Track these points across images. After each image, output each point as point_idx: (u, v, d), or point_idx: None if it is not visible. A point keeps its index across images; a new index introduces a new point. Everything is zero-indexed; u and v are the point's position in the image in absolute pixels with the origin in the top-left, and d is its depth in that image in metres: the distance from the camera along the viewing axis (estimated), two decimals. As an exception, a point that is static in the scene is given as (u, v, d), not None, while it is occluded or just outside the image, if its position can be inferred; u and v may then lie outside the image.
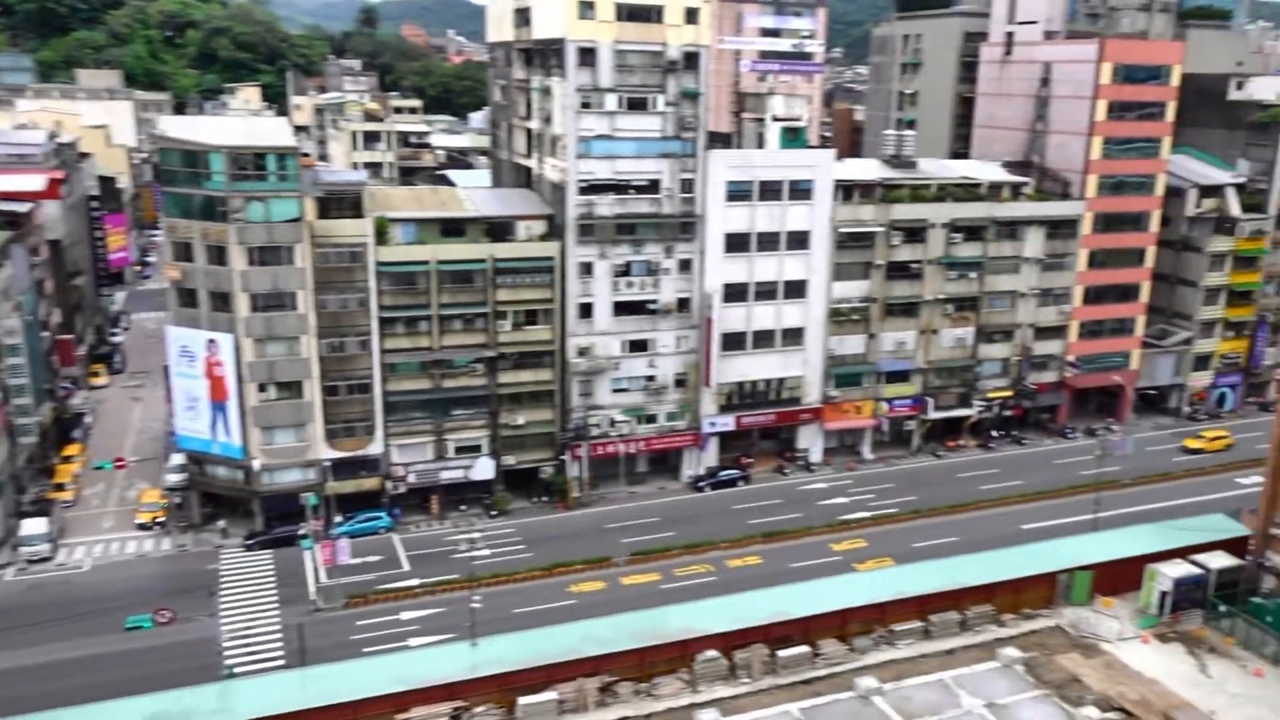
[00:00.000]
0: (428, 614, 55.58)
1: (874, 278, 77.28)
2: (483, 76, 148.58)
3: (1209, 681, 44.13)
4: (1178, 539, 53.17)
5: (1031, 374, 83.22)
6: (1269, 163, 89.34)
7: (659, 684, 43.45)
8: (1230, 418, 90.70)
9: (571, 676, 42.48)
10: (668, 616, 46.50)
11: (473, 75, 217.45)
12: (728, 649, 44.82)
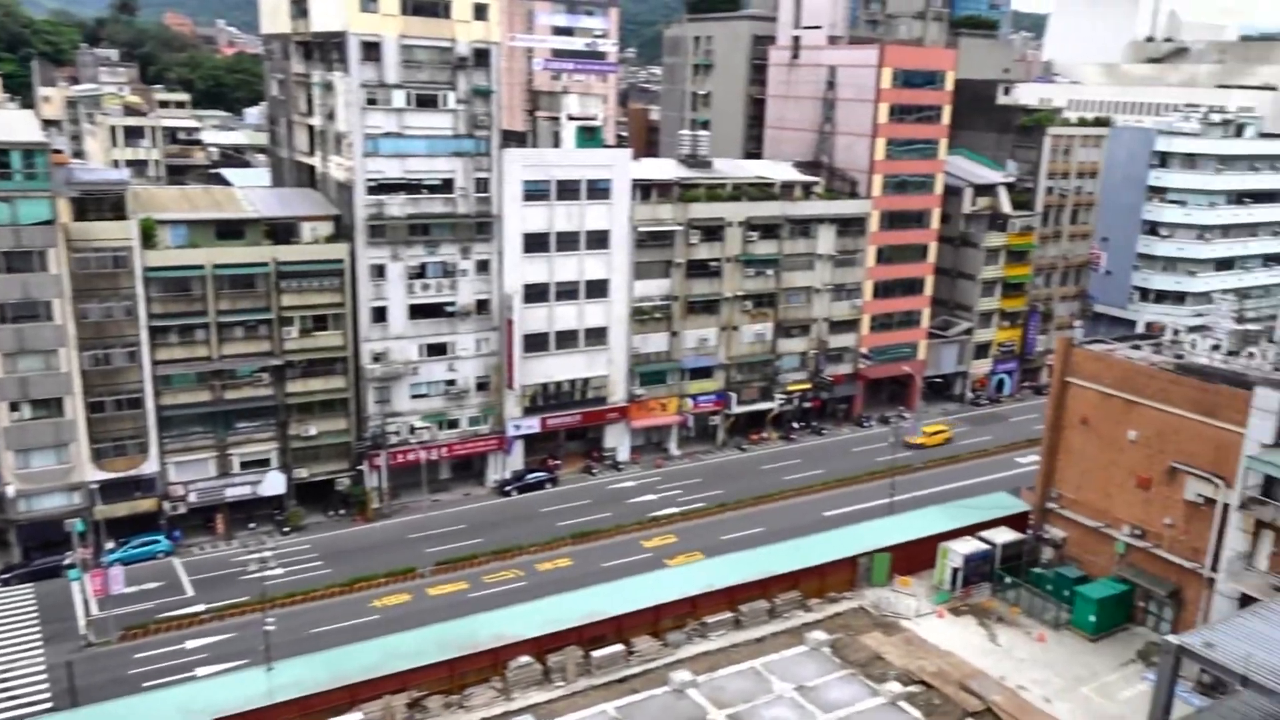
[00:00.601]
0: (217, 640, 52.45)
1: (674, 276, 78.99)
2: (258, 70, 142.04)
3: (998, 649, 47.53)
4: (966, 518, 57.12)
5: (828, 367, 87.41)
6: (1034, 163, 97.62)
7: (471, 694, 42.62)
8: (1009, 401, 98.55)
9: (377, 694, 41.04)
10: (477, 625, 45.75)
11: (247, 68, 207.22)
12: (541, 653, 44.53)
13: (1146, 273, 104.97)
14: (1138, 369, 50.08)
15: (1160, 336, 56.06)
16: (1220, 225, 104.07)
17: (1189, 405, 47.23)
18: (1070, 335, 57.33)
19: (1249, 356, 48.10)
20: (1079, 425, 52.57)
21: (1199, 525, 47.00)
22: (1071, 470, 53.09)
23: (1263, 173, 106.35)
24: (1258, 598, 41.53)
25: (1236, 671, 33.35)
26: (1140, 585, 49.30)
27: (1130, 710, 41.63)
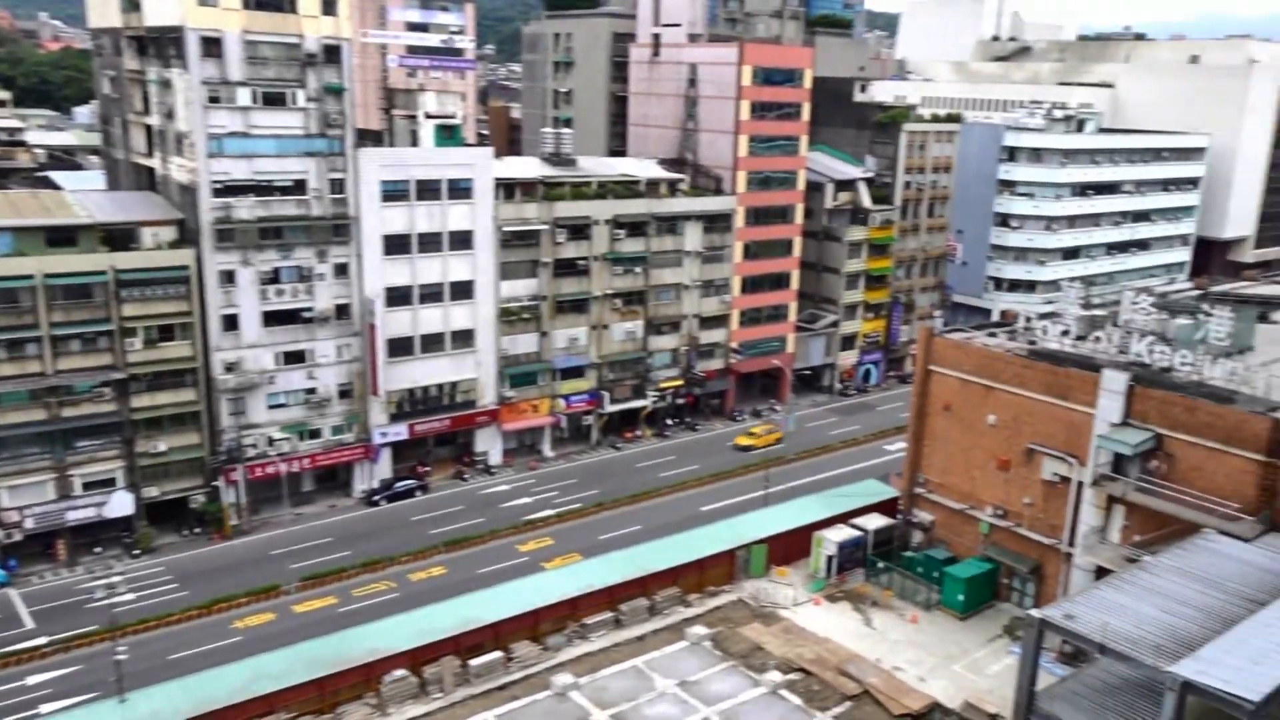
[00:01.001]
0: (62, 674, 49.63)
1: (542, 276, 78.68)
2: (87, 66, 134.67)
3: (873, 633, 49.01)
4: (839, 506, 58.75)
5: (700, 362, 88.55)
6: (891, 159, 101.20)
7: (344, 712, 41.42)
8: (876, 391, 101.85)
9: (243, 719, 39.44)
10: (348, 640, 44.50)
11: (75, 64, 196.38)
12: (416, 665, 43.62)
13: (1000, 263, 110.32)
14: (994, 356, 52.38)
15: (1014, 324, 58.66)
16: (1066, 216, 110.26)
17: (1043, 389, 49.67)
18: (931, 325, 59.69)
19: (1096, 341, 50.80)
20: (942, 411, 54.66)
21: (1056, 503, 49.51)
22: (937, 455, 55.18)
23: (1103, 166, 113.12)
24: (1111, 569, 43.92)
25: (1095, 640, 35.11)
26: (1004, 563, 51.65)
27: (999, 683, 43.53)
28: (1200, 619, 35.69)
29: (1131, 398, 46.21)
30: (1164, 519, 44.41)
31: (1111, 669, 36.66)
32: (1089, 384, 47.60)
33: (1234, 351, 49.63)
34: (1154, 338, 49.24)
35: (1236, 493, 42.78)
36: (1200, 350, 47.43)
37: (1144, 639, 34.47)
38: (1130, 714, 35.00)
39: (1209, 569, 39.08)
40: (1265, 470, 42.01)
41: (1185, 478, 44.45)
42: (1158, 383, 46.34)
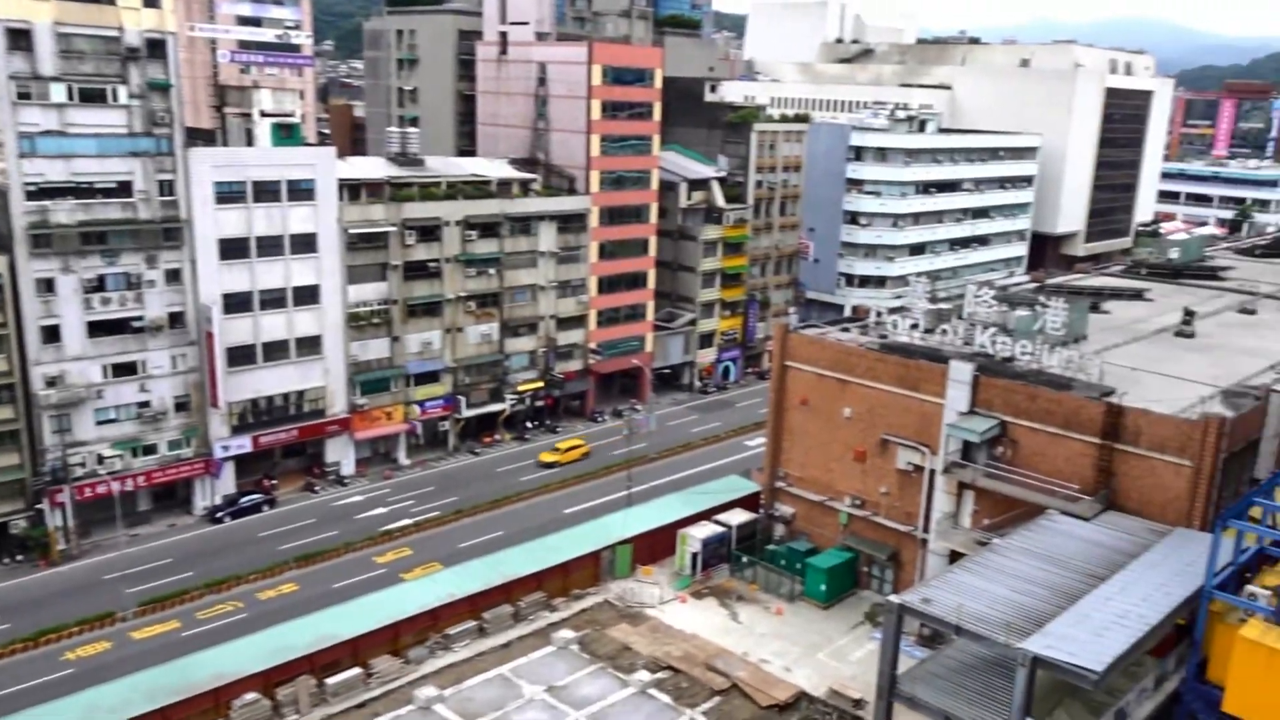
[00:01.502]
0: None
1: (392, 279, 77.05)
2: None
3: (740, 627, 49.85)
4: (702, 503, 59.56)
5: (558, 364, 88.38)
6: (743, 158, 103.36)
7: (190, 744, 39.47)
8: (735, 388, 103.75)
9: (76, 759, 37.10)
10: (193, 665, 42.57)
11: None
12: (269, 687, 41.96)
13: (850, 260, 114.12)
14: (848, 350, 54.08)
15: (866, 319, 60.62)
16: (911, 214, 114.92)
17: (895, 381, 51.56)
18: (786, 322, 61.07)
19: (943, 333, 53.01)
20: (800, 406, 56.06)
21: (910, 491, 51.47)
22: (796, 449, 56.57)
23: (944, 165, 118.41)
24: (964, 552, 45.95)
25: (951, 622, 36.63)
26: (863, 552, 53.37)
27: (862, 669, 44.92)
28: (1047, 596, 37.70)
29: (977, 387, 48.41)
30: (1011, 502, 46.71)
31: (967, 648, 38.33)
32: (938, 375, 49.62)
33: (1069, 340, 52.73)
34: (996, 329, 51.75)
35: (1076, 474, 45.37)
36: (1039, 340, 50.11)
37: (996, 618, 36.16)
38: (986, 690, 36.68)
39: (1053, 548, 41.32)
40: (1101, 452, 44.67)
41: (1029, 462, 46.87)
42: (1001, 372, 48.72)
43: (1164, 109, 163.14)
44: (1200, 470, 42.33)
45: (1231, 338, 59.03)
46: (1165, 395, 46.60)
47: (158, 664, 44.15)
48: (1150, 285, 73.14)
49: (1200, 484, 42.41)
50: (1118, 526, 43.09)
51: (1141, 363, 52.27)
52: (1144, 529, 42.69)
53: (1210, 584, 36.99)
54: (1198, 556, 38.43)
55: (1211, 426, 42.03)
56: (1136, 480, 44.15)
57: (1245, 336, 59.41)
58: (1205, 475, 42.29)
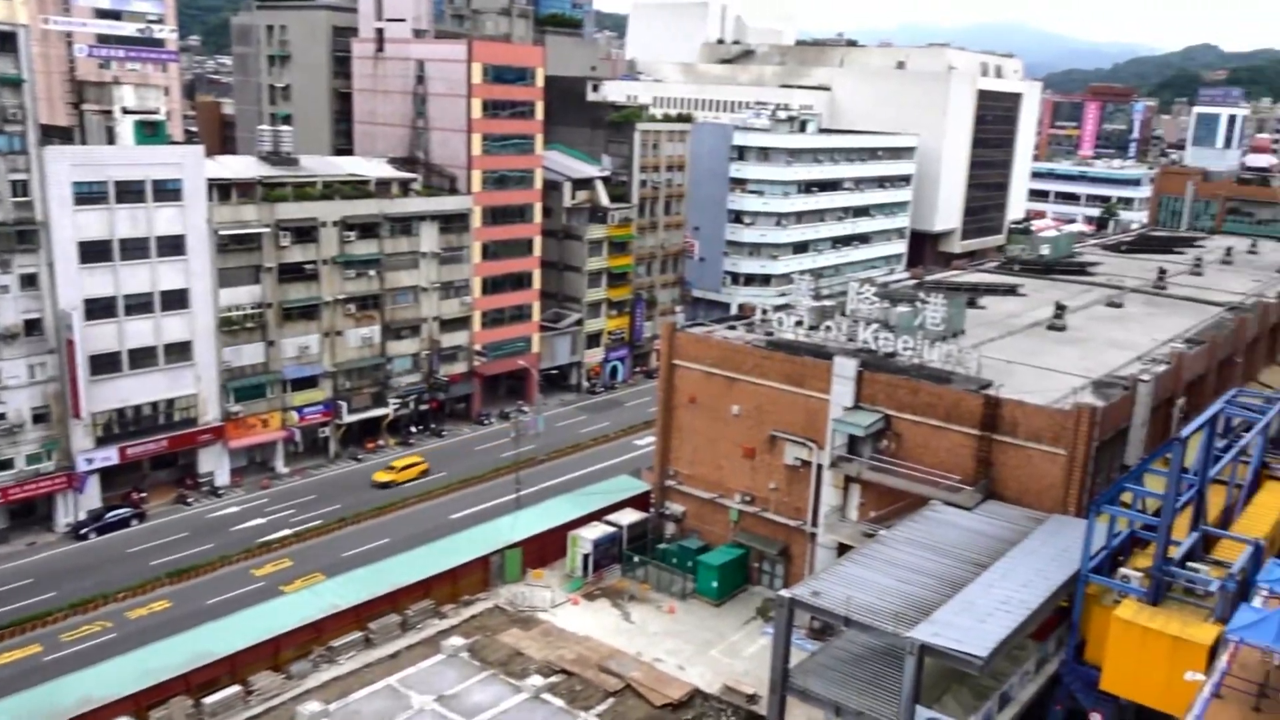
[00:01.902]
0: None
1: (266, 281, 74.82)
2: None
3: (632, 627, 49.94)
4: (592, 503, 59.48)
5: (442, 366, 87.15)
6: (627, 158, 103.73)
7: (54, 775, 37.52)
8: (623, 388, 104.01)
9: (-75, 798, 34.86)
10: (58, 691, 40.54)
11: None
12: (141, 710, 40.21)
13: (735, 258, 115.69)
14: (735, 348, 54.75)
15: (752, 317, 61.49)
16: (794, 212, 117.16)
17: (781, 378, 52.40)
18: (673, 320, 61.62)
19: (827, 330, 54.13)
20: (688, 404, 56.47)
21: (799, 486, 52.37)
22: (685, 447, 56.97)
23: (825, 164, 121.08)
24: (852, 545, 46.95)
25: (840, 614, 37.35)
26: (754, 548, 54.07)
27: (755, 664, 45.49)
28: (933, 585, 38.78)
29: (861, 383, 49.56)
30: (896, 494, 47.93)
31: (857, 639, 39.17)
32: (823, 371, 50.62)
33: (948, 335, 54.46)
34: (878, 325, 53.09)
35: (957, 465, 46.83)
36: (919, 335, 51.56)
37: (884, 608, 37.02)
38: (876, 680, 37.53)
39: (937, 538, 42.54)
40: (980, 444, 46.21)
41: (913, 454, 48.18)
42: (884, 367, 50.00)
43: (1033, 111, 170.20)
44: (1074, 458, 44.15)
45: (1100, 330, 61.83)
46: (1039, 387, 48.51)
47: (17, 692, 41.84)
48: (1023, 281, 76.07)
49: (1074, 472, 44.24)
50: (998, 515, 44.62)
51: (1016, 356, 54.30)
52: (1023, 517, 44.31)
53: (1086, 568, 38.57)
54: (1073, 542, 40.03)
55: (1083, 416, 43.88)
56: (1015, 470, 45.81)
57: (1113, 329, 62.30)
58: (1079, 463, 44.14)
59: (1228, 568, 38.70)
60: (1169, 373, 52.45)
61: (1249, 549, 40.03)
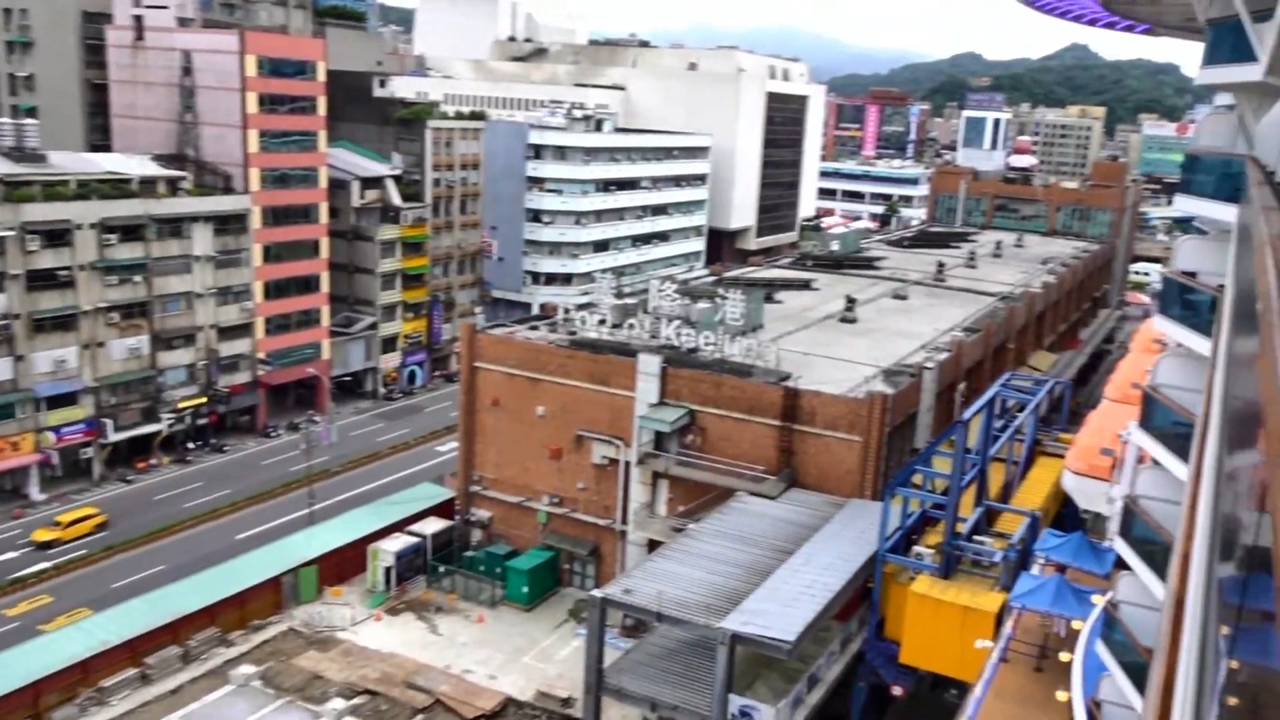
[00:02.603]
0: None
1: (12, 290, 68.85)
2: None
3: (440, 639, 49.03)
4: (394, 514, 58.07)
5: (222, 377, 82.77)
6: (419, 156, 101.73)
7: None
8: (423, 393, 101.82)
9: None
10: None
11: None
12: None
13: (535, 258, 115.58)
14: (538, 348, 54.83)
15: (554, 316, 61.73)
16: (594, 211, 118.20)
17: (586, 377, 52.81)
18: (473, 322, 61.02)
19: (630, 328, 54.98)
20: (492, 407, 56.07)
21: (607, 484, 52.86)
22: (490, 451, 56.48)
23: (622, 163, 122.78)
24: (662, 540, 47.77)
25: (652, 610, 37.96)
26: (564, 549, 54.21)
27: (569, 667, 45.50)
28: (741, 575, 39.96)
29: (665, 379, 50.64)
30: (703, 488, 49.14)
31: (670, 634, 39.88)
32: (627, 369, 51.38)
33: (748, 330, 56.32)
34: (680, 322, 54.38)
35: (761, 456, 48.46)
36: (720, 330, 53.11)
37: (695, 601, 37.86)
38: (690, 672, 38.32)
39: (744, 528, 43.89)
40: (781, 434, 48.03)
41: (718, 447, 49.53)
42: (687, 363, 51.27)
43: (819, 113, 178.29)
44: (868, 444, 46.52)
45: (888, 321, 65.41)
46: (835, 377, 50.85)
47: None
48: (816, 276, 79.60)
49: (869, 457, 46.60)
50: (801, 502, 46.45)
51: (812, 348, 56.73)
52: (823, 503, 46.30)
53: (882, 548, 40.70)
54: (871, 524, 42.17)
55: (876, 404, 46.30)
56: (814, 457, 47.80)
57: (899, 320, 66.04)
58: (873, 449, 46.53)
59: (1009, 539, 41.69)
60: (950, 360, 56.06)
61: (1027, 520, 43.25)
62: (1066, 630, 33.52)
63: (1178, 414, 23.45)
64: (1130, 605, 24.73)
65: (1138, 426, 26.12)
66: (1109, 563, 33.75)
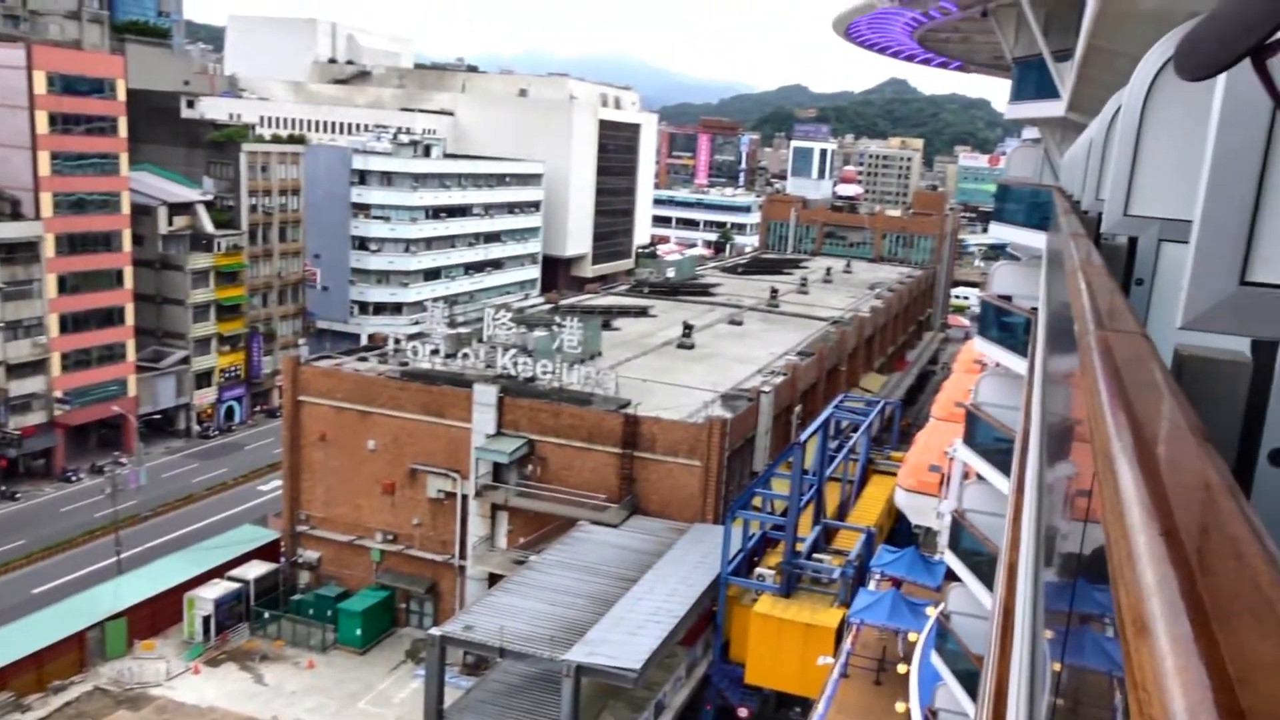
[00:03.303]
0: None
1: None
2: None
3: (266, 689, 47.34)
4: (213, 559, 55.67)
5: (12, 418, 77.79)
6: (233, 180, 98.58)
7: None
8: (242, 429, 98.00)
9: None
10: None
11: None
12: None
13: (362, 286, 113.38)
14: (368, 380, 54.03)
15: (384, 347, 60.93)
16: (423, 239, 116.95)
17: (419, 409, 52.32)
18: (296, 354, 59.62)
19: (465, 358, 54.83)
20: (319, 442, 54.77)
21: (444, 519, 52.34)
22: (318, 488, 55.08)
23: (453, 190, 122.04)
24: (503, 574, 47.63)
25: (494, 645, 37.87)
26: (400, 588, 53.24)
27: (407, 710, 44.67)
28: (585, 605, 40.30)
29: (503, 408, 50.72)
30: (544, 518, 49.33)
31: (514, 669, 39.78)
32: (463, 399, 51.20)
33: (586, 357, 56.97)
34: (516, 350, 54.59)
35: (602, 484, 49.02)
36: (558, 359, 53.58)
37: (539, 634, 37.98)
38: (536, 707, 38.29)
39: (587, 557, 44.31)
40: (622, 461, 48.77)
41: (558, 477, 49.84)
42: (524, 392, 51.52)
43: (651, 141, 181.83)
44: (709, 469, 47.74)
45: (725, 347, 67.30)
46: (674, 403, 52.01)
47: None
48: (653, 302, 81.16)
49: (710, 481, 47.81)
50: (643, 529, 47.22)
51: (651, 374, 57.85)
52: (666, 529, 47.18)
53: (725, 571, 41.81)
54: (713, 548, 43.26)
55: (715, 428, 47.62)
56: (656, 484, 48.70)
57: (735, 345, 68.03)
58: (713, 473, 47.77)
59: (846, 555, 43.53)
60: (786, 383, 58.16)
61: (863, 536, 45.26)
62: (904, 643, 35.27)
63: (999, 430, 25.06)
64: (961, 615, 26.22)
65: (962, 443, 27.78)
66: (940, 575, 35.70)
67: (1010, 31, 29.37)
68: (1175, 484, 1.42)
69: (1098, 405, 2.14)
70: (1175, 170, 5.03)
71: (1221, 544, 1.20)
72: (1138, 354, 2.47)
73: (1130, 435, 1.77)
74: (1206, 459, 1.66)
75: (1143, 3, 12.37)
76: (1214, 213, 2.53)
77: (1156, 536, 1.19)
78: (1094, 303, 3.33)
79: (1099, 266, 4.58)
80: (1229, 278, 2.53)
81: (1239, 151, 2.47)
